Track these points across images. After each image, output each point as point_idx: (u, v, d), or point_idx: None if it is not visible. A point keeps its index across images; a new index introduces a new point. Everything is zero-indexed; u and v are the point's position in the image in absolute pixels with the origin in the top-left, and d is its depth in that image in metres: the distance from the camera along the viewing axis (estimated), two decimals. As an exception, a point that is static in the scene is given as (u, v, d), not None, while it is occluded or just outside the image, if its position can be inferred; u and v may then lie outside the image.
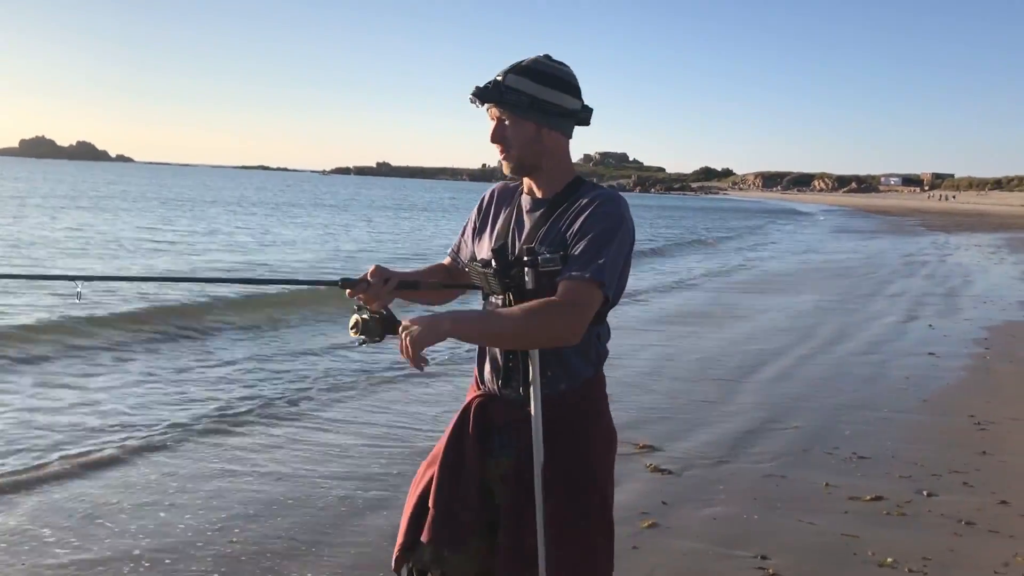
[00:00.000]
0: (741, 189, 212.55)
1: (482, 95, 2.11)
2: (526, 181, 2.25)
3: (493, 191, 2.37)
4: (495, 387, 2.22)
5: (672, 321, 11.36)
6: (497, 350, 2.20)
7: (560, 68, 2.15)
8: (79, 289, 2.14)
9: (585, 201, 2.12)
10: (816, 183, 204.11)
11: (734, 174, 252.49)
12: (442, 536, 2.16)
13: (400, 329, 1.97)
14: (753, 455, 5.55)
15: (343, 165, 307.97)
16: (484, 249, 2.24)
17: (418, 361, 1.95)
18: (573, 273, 2.03)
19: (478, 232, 2.33)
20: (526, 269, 2.07)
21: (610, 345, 2.29)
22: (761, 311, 12.43)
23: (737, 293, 14.85)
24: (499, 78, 2.11)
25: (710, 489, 4.89)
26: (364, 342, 2.06)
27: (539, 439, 2.12)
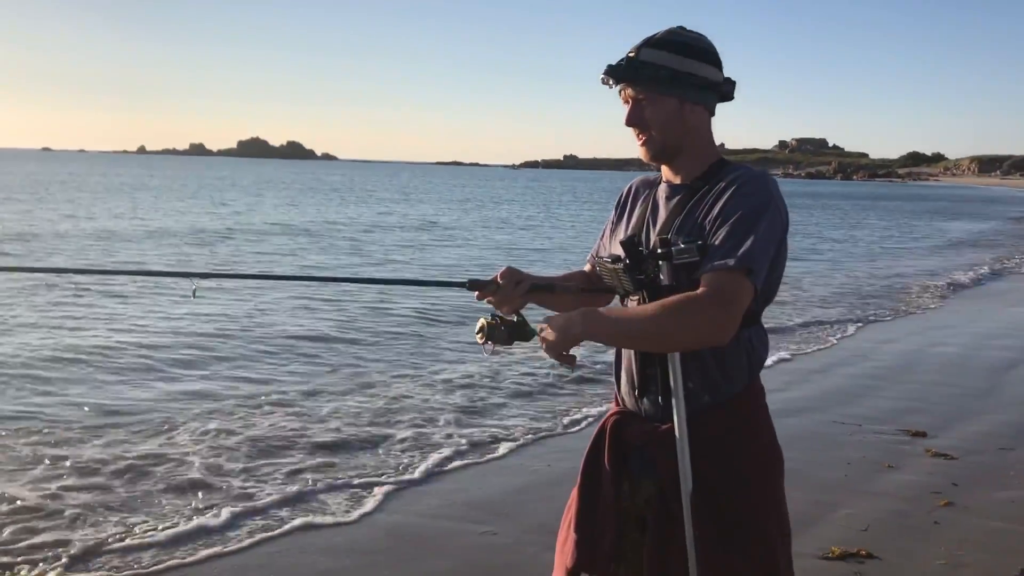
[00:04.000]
0: (954, 175, 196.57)
1: (616, 73, 1.93)
2: (664, 169, 2.04)
3: (631, 185, 2.17)
4: (632, 401, 2.04)
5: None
6: (632, 359, 2.01)
7: (698, 37, 1.97)
8: (195, 286, 2.19)
9: (725, 183, 1.90)
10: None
11: (945, 159, 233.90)
12: (583, 563, 2.02)
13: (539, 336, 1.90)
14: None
15: (532, 159, 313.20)
16: (618, 245, 2.01)
17: (565, 362, 1.88)
18: (715, 263, 1.80)
19: (614, 230, 2.15)
20: (660, 263, 1.87)
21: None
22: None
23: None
24: (632, 54, 1.93)
25: (1001, 474, 4.90)
26: (493, 351, 1.96)
27: (686, 462, 1.90)
